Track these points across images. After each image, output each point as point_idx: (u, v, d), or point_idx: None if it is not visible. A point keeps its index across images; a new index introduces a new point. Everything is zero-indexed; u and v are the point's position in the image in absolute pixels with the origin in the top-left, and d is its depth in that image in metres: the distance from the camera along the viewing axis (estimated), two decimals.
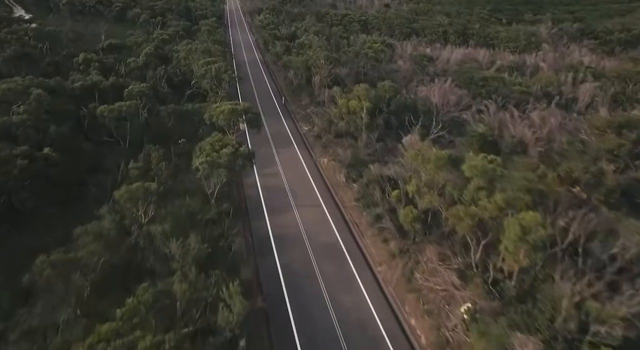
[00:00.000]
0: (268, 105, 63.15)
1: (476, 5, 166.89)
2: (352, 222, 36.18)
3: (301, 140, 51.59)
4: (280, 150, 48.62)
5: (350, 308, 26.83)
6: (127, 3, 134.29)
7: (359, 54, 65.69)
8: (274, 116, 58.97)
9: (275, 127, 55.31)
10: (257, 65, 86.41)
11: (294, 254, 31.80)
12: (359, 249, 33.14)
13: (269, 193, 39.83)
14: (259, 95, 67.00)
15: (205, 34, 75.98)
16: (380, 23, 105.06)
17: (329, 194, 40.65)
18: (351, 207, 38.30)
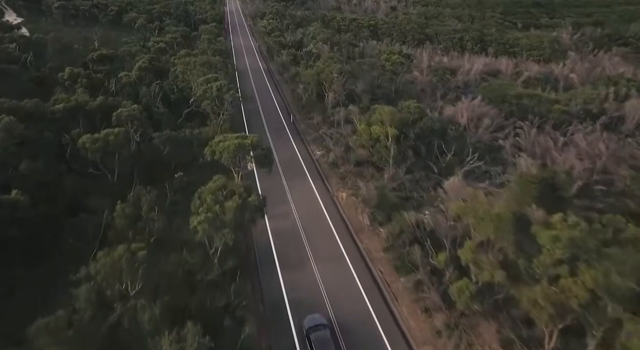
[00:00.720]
0: (275, 123, 57.06)
1: (485, 8, 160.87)
2: (383, 280, 30.08)
3: (314, 169, 45.47)
4: (291, 181, 42.48)
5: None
6: (123, 7, 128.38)
7: (375, 66, 59.61)
8: (283, 137, 52.87)
9: (285, 152, 49.23)
10: (261, 74, 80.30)
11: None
12: (394, 320, 27.03)
13: (281, 240, 33.73)
14: (264, 111, 60.89)
15: (205, 42, 69.95)
16: (391, 29, 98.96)
17: (352, 240, 34.54)
18: (379, 259, 32.25)
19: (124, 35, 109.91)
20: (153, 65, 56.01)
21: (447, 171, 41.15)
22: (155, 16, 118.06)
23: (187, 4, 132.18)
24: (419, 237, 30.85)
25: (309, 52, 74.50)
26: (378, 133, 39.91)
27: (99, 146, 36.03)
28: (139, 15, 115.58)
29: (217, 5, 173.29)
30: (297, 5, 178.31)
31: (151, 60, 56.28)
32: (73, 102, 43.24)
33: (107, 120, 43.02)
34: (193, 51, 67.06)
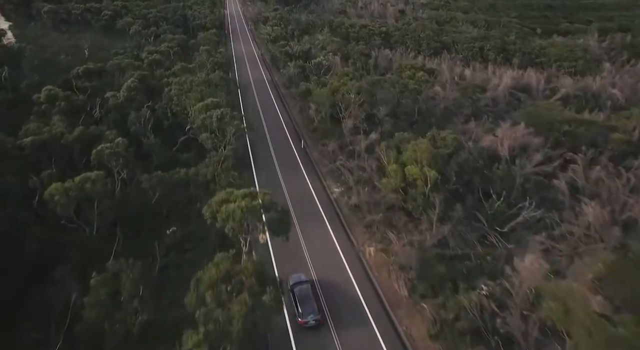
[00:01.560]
0: (284, 150, 49.97)
1: (497, 11, 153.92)
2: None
3: (333, 212, 38.34)
4: (306, 229, 35.39)
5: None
6: (117, 11, 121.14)
7: (396, 83, 52.56)
8: (293, 168, 45.79)
9: (296, 186, 42.20)
10: (265, 87, 73.16)
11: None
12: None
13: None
14: (271, 134, 53.78)
15: (204, 54, 62.86)
16: (404, 36, 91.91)
17: (387, 318, 27.49)
18: (426, 348, 25.28)
19: (118, 42, 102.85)
20: (145, 84, 48.91)
21: (495, 220, 34.19)
22: (152, 21, 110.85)
23: (185, 8, 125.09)
24: (481, 326, 23.85)
25: (319, 64, 67.44)
26: (414, 175, 32.85)
27: (73, 197, 28.98)
28: (134, 20, 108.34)
29: (217, 9, 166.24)
30: (300, 8, 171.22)
31: (142, 78, 49.15)
32: (46, 135, 36.18)
33: (88, 153, 36.13)
34: (190, 65, 60.03)
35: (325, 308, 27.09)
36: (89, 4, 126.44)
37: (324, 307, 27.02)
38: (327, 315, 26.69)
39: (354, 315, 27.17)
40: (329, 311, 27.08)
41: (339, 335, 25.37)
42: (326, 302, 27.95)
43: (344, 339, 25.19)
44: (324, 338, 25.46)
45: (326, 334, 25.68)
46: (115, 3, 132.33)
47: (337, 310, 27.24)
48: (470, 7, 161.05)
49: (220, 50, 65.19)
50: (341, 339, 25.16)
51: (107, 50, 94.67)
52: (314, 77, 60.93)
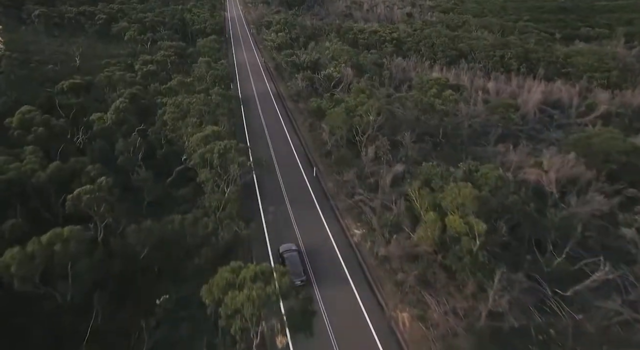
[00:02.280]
0: (293, 178, 44.01)
1: (509, 14, 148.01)
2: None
3: (356, 263, 32.43)
4: (324, 285, 29.59)
5: None
6: (112, 15, 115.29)
7: (420, 102, 46.65)
8: (305, 202, 39.82)
9: (310, 226, 36.34)
10: (270, 101, 67.13)
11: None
12: None
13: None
14: (278, 158, 47.83)
15: (204, 66, 56.93)
16: (418, 43, 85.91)
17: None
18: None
19: (113, 47, 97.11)
20: (136, 104, 43.00)
21: (554, 279, 28.30)
22: (148, 26, 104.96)
23: (184, 12, 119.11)
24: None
25: (329, 76, 61.57)
26: (458, 228, 26.94)
27: (38, 264, 23.08)
28: (130, 25, 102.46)
29: (217, 12, 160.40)
30: (303, 10, 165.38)
31: (133, 98, 43.20)
32: (12, 172, 30.24)
33: (68, 191, 30.29)
34: (188, 78, 54.13)
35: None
36: (83, 7, 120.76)
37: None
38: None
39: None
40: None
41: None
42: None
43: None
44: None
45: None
46: (111, 6, 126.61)
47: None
48: (480, 9, 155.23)
49: (221, 61, 59.20)
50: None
51: (100, 58, 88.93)
52: (324, 92, 54.99)
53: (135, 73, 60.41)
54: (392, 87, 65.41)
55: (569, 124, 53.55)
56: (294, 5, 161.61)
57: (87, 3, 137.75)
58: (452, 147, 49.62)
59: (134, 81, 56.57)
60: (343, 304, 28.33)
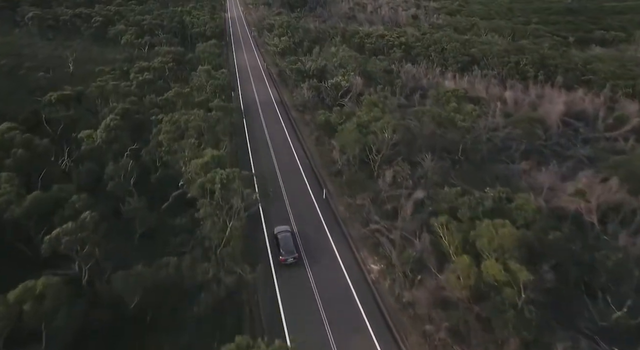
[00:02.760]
0: (300, 199, 40.23)
1: (517, 16, 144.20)
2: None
3: (374, 304, 28.68)
4: (338, 331, 25.89)
5: None
6: (109, 17, 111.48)
7: (437, 117, 42.88)
8: (314, 229, 36.07)
9: (320, 256, 32.69)
10: (274, 111, 63.33)
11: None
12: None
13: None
14: (284, 175, 44.05)
15: (203, 75, 53.09)
16: (427, 48, 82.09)
17: None
18: None
19: (109, 51, 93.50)
20: (129, 120, 39.23)
21: (616, 336, 24.46)
22: (146, 29, 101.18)
23: (184, 14, 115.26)
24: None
25: (337, 85, 57.80)
26: (497, 277, 23.20)
27: (4, 326, 19.34)
28: (127, 28, 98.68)
29: (217, 13, 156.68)
30: (305, 11, 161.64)
31: (126, 113, 39.41)
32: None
33: (50, 225, 26.68)
34: (186, 89, 50.37)
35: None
36: (79, 9, 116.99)
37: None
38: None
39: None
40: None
41: None
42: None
43: None
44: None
45: None
46: (108, 8, 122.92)
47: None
48: (486, 11, 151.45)
49: (222, 70, 55.37)
50: None
51: (96, 63, 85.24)
52: (331, 102, 51.28)
53: (131, 82, 56.57)
54: (403, 95, 61.71)
55: (597, 138, 49.79)
56: (296, 6, 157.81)
57: (84, 4, 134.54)
58: (471, 164, 45.90)
59: (128, 91, 52.81)
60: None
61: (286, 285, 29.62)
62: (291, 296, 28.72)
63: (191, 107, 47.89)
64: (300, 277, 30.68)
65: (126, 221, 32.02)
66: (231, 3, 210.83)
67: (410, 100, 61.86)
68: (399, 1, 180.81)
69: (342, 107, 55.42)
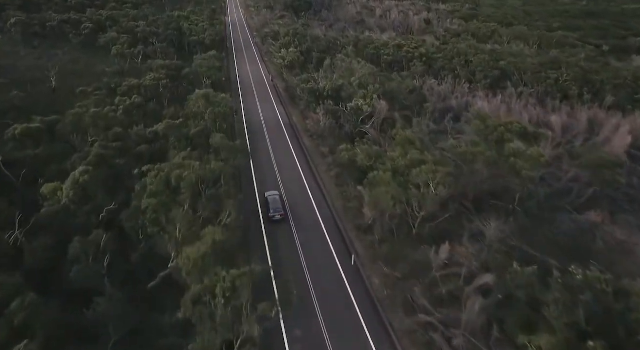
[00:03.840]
0: (323, 267, 31.86)
1: (535, 20, 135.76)
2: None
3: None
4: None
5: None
6: (101, 23, 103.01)
7: (493, 162, 34.47)
8: (346, 315, 27.70)
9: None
10: (282, 136, 54.93)
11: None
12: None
13: None
14: (300, 232, 35.59)
15: (202, 102, 44.57)
16: (451, 60, 73.68)
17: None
18: None
19: (99, 61, 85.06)
20: (105, 171, 30.79)
21: None
22: (140, 37, 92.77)
23: (181, 20, 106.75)
24: None
25: (357, 109, 49.47)
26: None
27: None
28: (119, 35, 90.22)
29: (217, 16, 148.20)
30: (310, 15, 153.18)
31: (102, 160, 30.95)
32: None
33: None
34: (179, 119, 41.98)
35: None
36: (69, 14, 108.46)
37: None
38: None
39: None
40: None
41: None
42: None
43: None
44: None
45: None
46: (100, 12, 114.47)
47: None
48: (502, 15, 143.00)
49: (222, 95, 46.68)
50: None
51: (82, 77, 76.98)
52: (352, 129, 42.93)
53: (117, 106, 48.17)
54: (432, 119, 53.37)
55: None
56: (300, 10, 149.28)
57: (76, 8, 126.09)
58: (528, 214, 37.50)
59: (113, 119, 44.44)
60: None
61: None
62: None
63: (186, 142, 39.64)
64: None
65: (96, 327, 23.63)
66: (231, 5, 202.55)
67: (439, 124, 53.55)
68: (407, 4, 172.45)
69: (365, 137, 47.19)
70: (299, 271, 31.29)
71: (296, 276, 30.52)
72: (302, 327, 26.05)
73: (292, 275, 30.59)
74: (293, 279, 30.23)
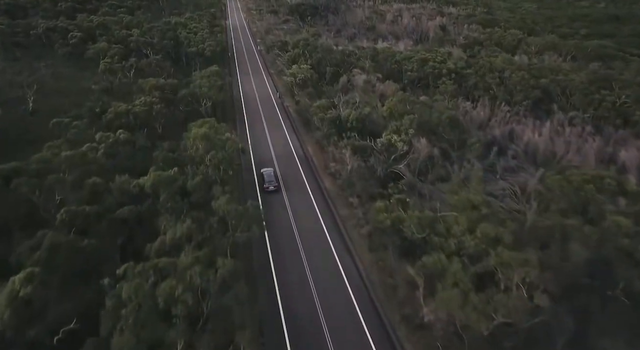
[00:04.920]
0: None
1: (559, 25, 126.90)
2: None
3: None
4: None
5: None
6: (91, 30, 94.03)
7: (601, 244, 25.71)
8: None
9: None
10: (298, 176, 46.04)
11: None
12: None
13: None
14: (332, 334, 26.78)
15: (200, 143, 35.63)
16: (483, 77, 64.89)
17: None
18: None
19: (86, 76, 76.22)
20: (67, 263, 21.98)
21: None
22: (133, 47, 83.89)
23: (178, 27, 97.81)
24: None
25: (389, 146, 40.74)
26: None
27: None
28: (110, 46, 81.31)
29: (217, 20, 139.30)
30: (316, 20, 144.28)
31: (56, 250, 22.10)
32: None
33: None
34: (172, 169, 33.15)
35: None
36: (55, 21, 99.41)
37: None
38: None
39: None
40: None
41: None
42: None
43: None
44: None
45: None
46: (91, 18, 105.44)
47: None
48: (520, 20, 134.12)
49: (227, 134, 37.56)
50: None
51: (66, 95, 68.23)
52: (384, 172, 34.22)
53: (98, 145, 39.38)
54: (479, 158, 44.51)
55: None
56: (306, 15, 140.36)
57: (66, 13, 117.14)
58: (629, 298, 28.67)
59: (91, 163, 35.71)
60: None
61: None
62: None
63: (181, 201, 30.94)
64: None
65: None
66: (232, 8, 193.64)
67: (484, 160, 44.70)
68: (416, 7, 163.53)
69: (400, 181, 38.43)
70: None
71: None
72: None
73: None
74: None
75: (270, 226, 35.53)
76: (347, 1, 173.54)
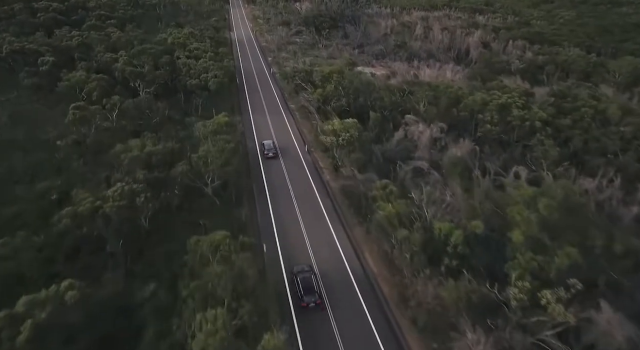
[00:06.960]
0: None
1: (616, 40, 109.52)
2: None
3: None
4: None
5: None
6: (68, 52, 76.28)
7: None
8: None
9: None
10: (329, 237, 28.66)
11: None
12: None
13: None
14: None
15: (214, 270, 18.42)
16: (587, 131, 47.62)
17: None
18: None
19: (55, 121, 57.86)
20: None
21: None
22: (119, 78, 66.32)
23: (176, 48, 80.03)
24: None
25: (531, 302, 23.21)
26: None
27: None
28: (89, 76, 63.77)
29: (222, 35, 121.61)
30: (333, 32, 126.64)
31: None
32: None
33: None
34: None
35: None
36: (26, 39, 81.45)
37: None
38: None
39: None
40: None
41: None
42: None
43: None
44: None
45: None
46: (72, 34, 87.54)
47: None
48: (571, 32, 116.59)
49: (246, 254, 21.04)
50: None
51: (24, 150, 50.76)
52: None
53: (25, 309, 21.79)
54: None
55: None
56: (322, 28, 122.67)
57: (45, 25, 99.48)
58: None
59: None
60: None
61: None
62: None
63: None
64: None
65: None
66: (236, 16, 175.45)
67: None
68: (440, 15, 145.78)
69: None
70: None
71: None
72: None
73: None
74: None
75: None
76: (364, 9, 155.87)
